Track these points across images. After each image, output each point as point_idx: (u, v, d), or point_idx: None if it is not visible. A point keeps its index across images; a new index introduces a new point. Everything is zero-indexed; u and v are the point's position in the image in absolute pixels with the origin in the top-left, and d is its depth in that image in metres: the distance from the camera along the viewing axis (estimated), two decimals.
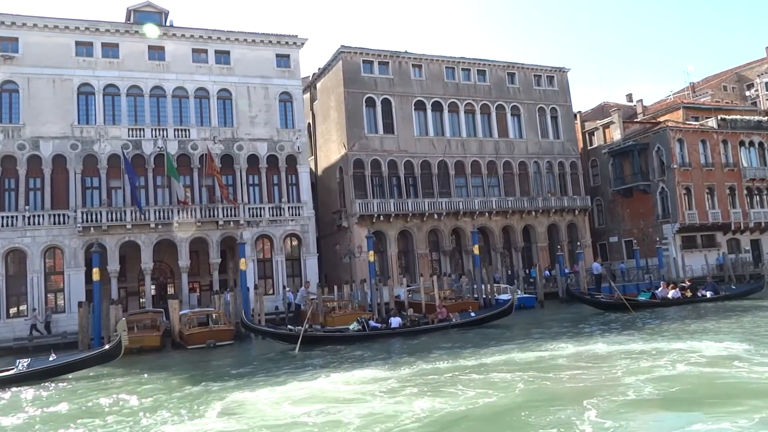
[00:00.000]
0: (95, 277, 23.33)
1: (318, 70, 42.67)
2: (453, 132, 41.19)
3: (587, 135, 48.83)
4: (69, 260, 30.34)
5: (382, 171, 38.52)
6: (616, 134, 46.16)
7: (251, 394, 11.71)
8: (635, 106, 55.46)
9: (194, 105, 34.28)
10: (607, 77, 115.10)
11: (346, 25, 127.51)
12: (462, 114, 41.54)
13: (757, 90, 55.49)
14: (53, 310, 29.33)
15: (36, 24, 31.61)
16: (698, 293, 29.42)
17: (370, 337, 21.64)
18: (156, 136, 33.10)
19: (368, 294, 29.06)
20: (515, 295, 28.81)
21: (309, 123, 44.08)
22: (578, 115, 48.95)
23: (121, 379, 15.73)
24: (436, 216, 39.00)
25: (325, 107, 41.50)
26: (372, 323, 22.94)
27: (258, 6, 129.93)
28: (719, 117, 45.43)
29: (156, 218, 31.60)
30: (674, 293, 28.71)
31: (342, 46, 38.62)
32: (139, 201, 31.44)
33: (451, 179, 40.36)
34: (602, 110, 51.85)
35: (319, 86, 42.49)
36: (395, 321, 23.43)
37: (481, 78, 42.67)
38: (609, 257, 46.11)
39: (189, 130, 33.81)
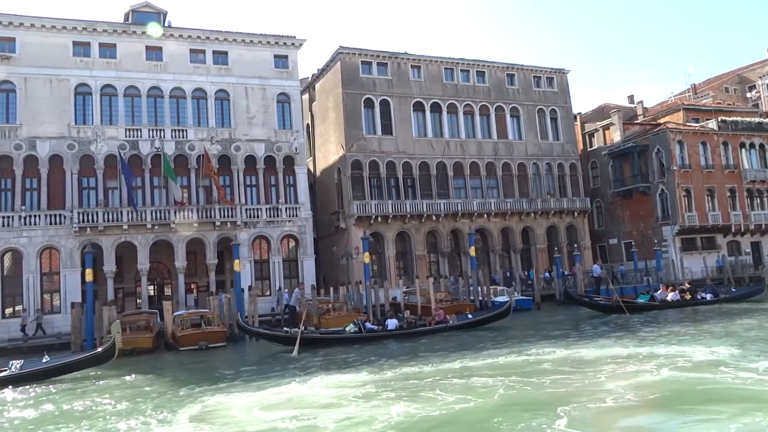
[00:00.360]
0: (88, 278, 23.31)
1: (317, 71, 42.63)
2: (452, 133, 41.09)
3: (587, 136, 48.65)
4: (65, 261, 30.34)
5: (381, 172, 38.43)
6: (616, 136, 45.98)
7: (227, 399, 11.61)
8: (635, 108, 55.29)
9: (192, 105, 34.26)
10: (609, 79, 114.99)
11: (345, 26, 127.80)
12: (461, 115, 41.43)
13: (759, 91, 55.22)
14: (44, 312, 29.15)
15: (33, 24, 31.64)
16: (698, 296, 29.18)
17: (367, 339, 21.51)
18: (153, 137, 33.08)
19: (363, 296, 28.96)
20: (513, 298, 28.69)
21: (308, 124, 44.06)
22: (578, 117, 48.78)
23: (106, 382, 15.65)
24: (435, 217, 38.90)
25: (324, 108, 41.44)
26: (368, 325, 22.82)
27: (256, 7, 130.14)
28: (720, 118, 45.20)
29: (152, 219, 31.58)
30: (673, 296, 28.51)
31: (340, 47, 38.56)
32: (135, 201, 31.42)
33: (450, 180, 40.26)
34: (602, 111, 51.67)
35: (318, 87, 42.44)
36: (392, 323, 23.31)
37: (480, 79, 42.55)
38: (609, 259, 45.90)
39: (186, 131, 33.78)
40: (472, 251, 31.33)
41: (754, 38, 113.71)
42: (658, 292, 29.21)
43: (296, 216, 35.21)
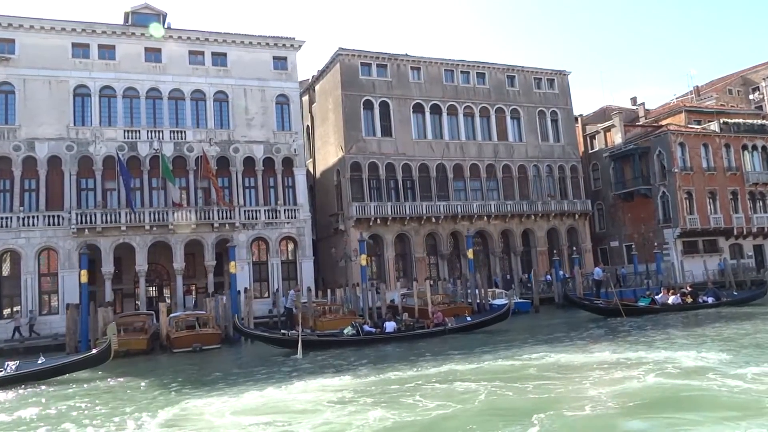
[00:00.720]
0: (82, 280, 23.34)
1: (317, 73, 42.60)
2: (452, 135, 40.98)
3: (588, 138, 48.45)
4: (63, 262, 30.37)
5: (380, 174, 38.35)
6: (617, 138, 45.77)
7: (206, 402, 11.52)
8: (637, 110, 55.03)
9: (190, 107, 34.27)
10: (611, 81, 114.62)
11: (346, 28, 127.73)
12: (461, 117, 41.31)
13: (762, 93, 54.85)
14: (41, 313, 29.17)
15: (33, 25, 31.72)
16: (699, 299, 28.94)
17: (364, 342, 21.40)
18: (152, 138, 33.10)
19: (360, 298, 28.88)
20: (512, 300, 28.54)
21: (308, 125, 44.06)
22: (579, 119, 48.59)
23: (94, 385, 15.58)
24: (434, 219, 38.79)
25: (324, 110, 41.41)
26: (366, 328, 22.73)
27: (256, 8, 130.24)
28: (721, 120, 44.93)
29: (151, 220, 31.59)
30: (674, 299, 28.31)
31: (340, 49, 38.52)
32: (133, 203, 31.44)
33: (450, 182, 40.13)
34: (604, 113, 51.40)
35: (318, 89, 42.41)
36: (390, 325, 23.19)
37: (481, 81, 42.43)
38: (610, 262, 45.67)
39: (185, 132, 33.79)
40: (470, 254, 31.24)
41: (758, 40, 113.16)
42: (659, 296, 28.98)
43: (295, 218, 35.17)
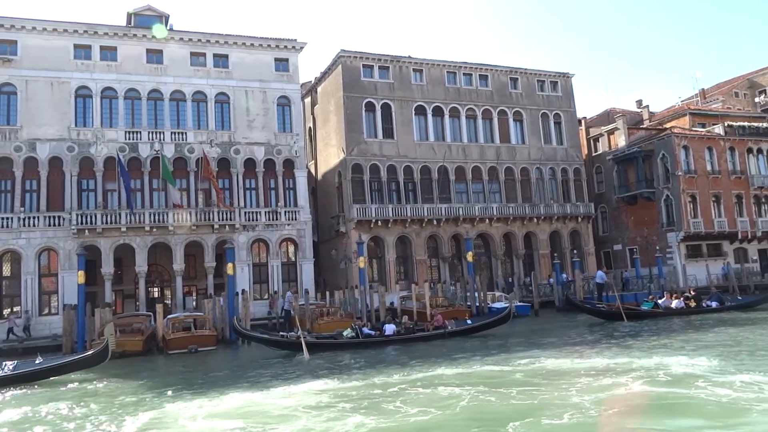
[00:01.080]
0: (80, 280, 23.37)
1: (319, 74, 42.59)
2: (454, 137, 40.86)
3: (592, 141, 48.19)
4: (63, 262, 30.44)
5: (381, 176, 38.27)
6: (621, 140, 45.50)
7: (183, 406, 11.41)
8: (641, 112, 54.72)
9: (192, 108, 34.31)
10: (617, 83, 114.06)
11: (349, 30, 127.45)
12: (463, 119, 41.18)
13: None
14: (32, 314, 29.18)
15: (35, 27, 31.85)
16: (702, 304, 28.68)
17: (364, 345, 21.27)
18: (153, 139, 33.16)
19: (358, 300, 28.79)
20: (513, 304, 28.37)
21: (310, 127, 44.07)
22: (583, 121, 48.37)
23: (83, 386, 15.51)
24: (436, 222, 38.68)
25: (325, 111, 41.38)
26: (366, 330, 22.61)
27: (257, 10, 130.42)
28: (726, 123, 44.58)
29: (151, 221, 31.63)
30: (677, 303, 28.05)
31: (342, 50, 38.49)
32: (133, 204, 31.50)
33: (452, 185, 40.00)
34: (608, 116, 51.17)
35: (320, 90, 42.40)
36: (389, 328, 23.06)
37: (483, 83, 42.30)
38: (613, 265, 45.40)
39: (186, 134, 33.85)
40: (470, 257, 31.07)
41: (765, 43, 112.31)
42: (662, 300, 28.75)
43: (295, 219, 35.14)
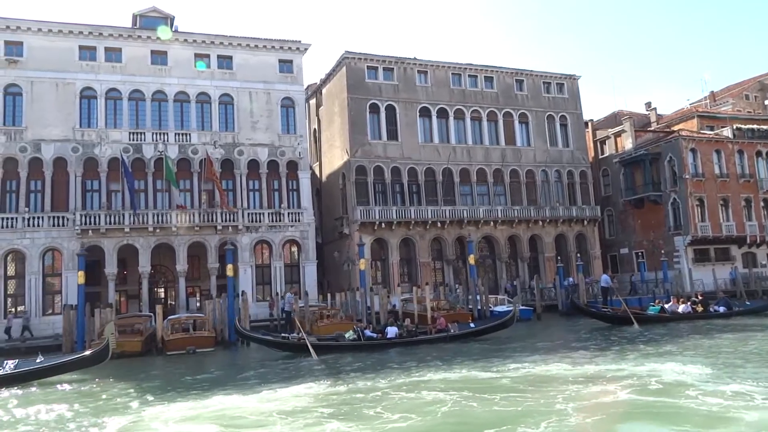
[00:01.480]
0: (79, 281, 23.46)
1: (324, 76, 42.56)
2: (458, 139, 40.70)
3: (598, 143, 47.82)
4: (67, 262, 30.57)
5: (385, 178, 38.18)
6: (628, 143, 45.11)
7: (163, 409, 11.32)
8: (649, 115, 54.27)
9: (195, 109, 34.43)
10: (625, 86, 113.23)
11: (354, 31, 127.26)
12: (468, 121, 41.01)
13: None
14: (30, 314, 29.33)
15: (41, 28, 32.07)
16: (710, 308, 28.35)
17: (365, 347, 21.15)
18: (156, 140, 33.28)
19: (359, 303, 28.70)
20: (516, 307, 28.18)
21: (315, 129, 44.08)
22: (590, 123, 48.01)
23: (75, 386, 15.52)
24: (440, 224, 38.51)
25: (330, 113, 41.36)
26: (368, 333, 22.49)
27: (262, 12, 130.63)
28: (735, 126, 44.10)
29: (154, 222, 31.72)
30: (684, 308, 27.74)
31: (346, 52, 38.44)
32: (136, 204, 31.61)
33: (456, 187, 39.82)
34: (615, 118, 50.76)
35: (325, 92, 42.38)
36: (391, 331, 22.95)
37: (489, 84, 42.12)
38: (619, 269, 45.05)
39: (190, 135, 33.94)
40: (471, 259, 30.93)
41: None
42: (669, 304, 28.43)
43: (299, 221, 35.12)
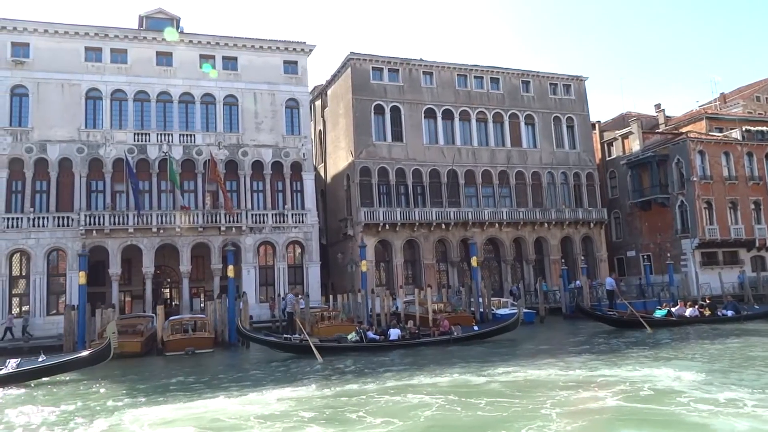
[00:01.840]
0: (80, 281, 23.55)
1: (330, 77, 42.56)
2: (464, 140, 40.52)
3: (606, 145, 47.46)
4: (71, 263, 30.73)
5: (390, 179, 38.09)
6: (635, 145, 44.72)
7: (144, 411, 11.31)
8: (657, 117, 53.81)
9: (200, 110, 34.53)
10: (635, 87, 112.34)
11: (359, 32, 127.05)
12: (473, 122, 40.83)
13: None
14: (29, 314, 29.55)
15: (47, 30, 32.28)
16: (717, 312, 28.04)
17: (368, 349, 21.09)
18: (161, 141, 33.41)
19: (360, 304, 28.65)
20: (521, 310, 27.99)
21: (320, 130, 44.09)
22: (597, 125, 47.66)
23: (72, 386, 15.59)
24: (444, 226, 38.36)
25: (335, 114, 41.34)
26: (370, 335, 22.44)
27: (267, 13, 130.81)
28: (744, 128, 43.62)
29: (158, 222, 31.86)
30: (692, 311, 27.47)
31: (351, 53, 38.40)
32: (140, 205, 31.74)
33: (461, 188, 39.64)
34: (623, 120, 50.35)
35: (330, 93, 42.37)
36: (394, 333, 22.91)
37: (494, 86, 41.92)
38: (626, 272, 44.66)
39: (194, 136, 34.06)
40: (474, 261, 30.78)
41: None
42: (676, 308, 28.14)
43: (302, 222, 35.13)
